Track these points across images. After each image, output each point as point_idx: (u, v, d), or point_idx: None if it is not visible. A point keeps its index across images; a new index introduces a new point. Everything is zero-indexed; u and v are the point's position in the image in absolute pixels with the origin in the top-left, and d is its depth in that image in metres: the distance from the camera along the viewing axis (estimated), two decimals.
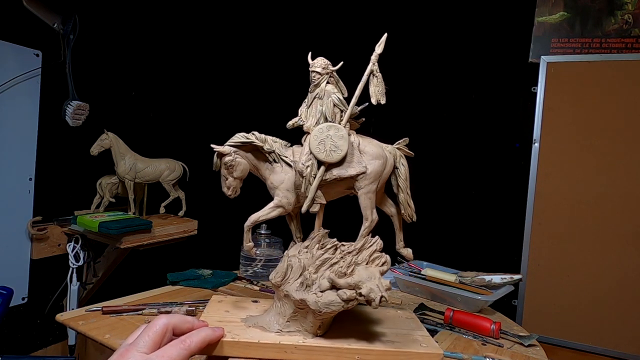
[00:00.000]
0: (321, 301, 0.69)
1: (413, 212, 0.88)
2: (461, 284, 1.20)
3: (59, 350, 1.62)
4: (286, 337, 0.72)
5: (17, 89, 1.42)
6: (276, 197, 0.81)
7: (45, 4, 1.42)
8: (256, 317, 0.77)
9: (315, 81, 0.82)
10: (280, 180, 0.81)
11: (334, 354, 0.71)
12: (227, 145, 0.79)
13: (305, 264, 0.73)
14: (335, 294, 0.69)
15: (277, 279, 0.75)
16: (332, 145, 0.78)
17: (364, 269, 0.72)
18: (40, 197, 1.52)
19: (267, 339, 0.71)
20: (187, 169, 1.70)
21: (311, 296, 0.70)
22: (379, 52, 0.81)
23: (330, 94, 0.81)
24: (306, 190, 0.79)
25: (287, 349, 0.70)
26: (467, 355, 0.88)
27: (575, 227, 1.68)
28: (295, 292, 0.72)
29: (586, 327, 1.65)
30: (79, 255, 1.56)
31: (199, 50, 2.06)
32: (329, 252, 0.74)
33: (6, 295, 1.14)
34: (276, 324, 0.74)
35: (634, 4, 1.64)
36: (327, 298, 0.69)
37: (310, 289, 0.71)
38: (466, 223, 1.90)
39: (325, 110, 0.81)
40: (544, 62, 1.73)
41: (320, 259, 0.73)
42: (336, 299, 0.69)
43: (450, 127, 1.94)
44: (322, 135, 0.79)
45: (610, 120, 1.64)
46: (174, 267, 1.30)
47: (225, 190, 0.80)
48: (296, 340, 0.71)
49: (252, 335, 0.71)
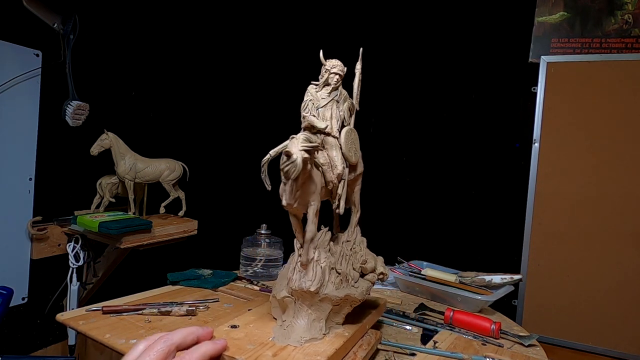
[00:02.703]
0: (360, 290, 0.77)
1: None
2: (461, 284, 1.20)
3: (59, 350, 1.62)
4: (338, 336, 0.74)
5: (17, 89, 1.42)
6: (314, 202, 0.73)
7: (45, 4, 1.42)
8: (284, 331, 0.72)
9: (335, 84, 0.81)
10: (316, 183, 0.74)
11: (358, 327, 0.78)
12: (303, 149, 0.65)
13: (329, 263, 0.76)
14: (365, 280, 0.81)
15: (316, 286, 0.71)
16: (355, 148, 0.83)
17: (368, 253, 0.85)
18: (40, 197, 1.52)
19: (333, 345, 0.70)
20: (187, 169, 1.70)
21: (352, 289, 0.77)
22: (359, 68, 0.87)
23: (347, 98, 0.84)
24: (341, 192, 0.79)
25: (347, 345, 0.74)
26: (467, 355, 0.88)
27: (575, 227, 1.68)
28: (337, 291, 0.74)
29: (586, 327, 1.65)
30: (79, 255, 1.56)
31: (199, 50, 2.06)
32: (344, 246, 0.82)
33: (6, 295, 1.14)
34: (319, 330, 0.72)
35: (634, 4, 1.64)
36: (363, 286, 0.79)
37: (348, 283, 0.77)
38: (466, 223, 1.90)
39: (345, 114, 0.83)
40: (544, 62, 1.73)
41: (340, 254, 0.79)
42: (368, 284, 0.80)
43: (450, 127, 1.94)
44: (350, 138, 0.82)
45: (610, 120, 1.64)
46: (174, 267, 1.30)
47: (292, 202, 0.69)
48: (342, 333, 0.75)
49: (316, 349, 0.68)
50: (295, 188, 0.67)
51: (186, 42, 1.99)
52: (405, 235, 1.91)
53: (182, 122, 2.02)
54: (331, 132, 0.79)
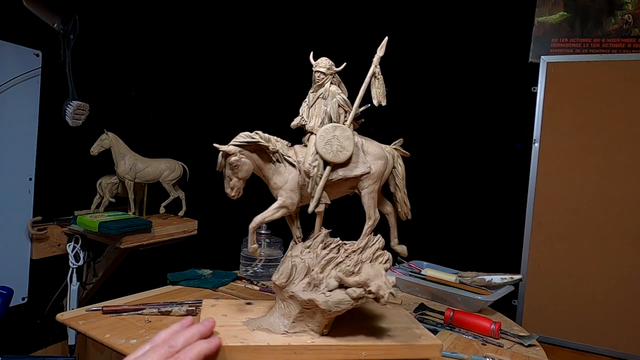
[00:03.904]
0: (331, 300, 0.70)
1: (409, 210, 0.90)
2: (461, 284, 1.20)
3: (59, 350, 1.62)
4: (294, 338, 0.72)
5: (17, 89, 1.42)
6: (280, 197, 0.80)
7: (45, 4, 1.42)
8: (258, 320, 0.77)
9: (319, 81, 0.82)
10: (284, 180, 0.80)
11: (342, 351, 0.71)
12: (232, 145, 0.76)
13: (310, 264, 0.73)
14: (344, 292, 0.70)
15: (282, 280, 0.74)
16: (338, 146, 0.79)
17: (370, 266, 0.73)
18: (40, 197, 1.52)
19: (276, 341, 0.71)
20: (187, 169, 1.70)
21: (320, 296, 0.70)
22: (381, 54, 0.82)
23: (335, 95, 0.82)
24: (312, 191, 0.79)
25: (297, 349, 0.70)
26: (467, 355, 0.88)
27: (575, 227, 1.68)
28: (302, 292, 0.72)
29: (586, 327, 1.64)
30: (79, 255, 1.56)
31: (199, 50, 2.06)
32: (334, 252, 0.75)
33: (6, 295, 1.14)
34: (282, 326, 0.74)
35: (634, 4, 1.64)
36: (336, 297, 0.70)
37: (318, 288, 0.71)
38: (466, 223, 1.90)
39: (330, 111, 0.81)
40: (544, 62, 1.73)
41: (326, 259, 0.73)
42: (345, 297, 0.70)
43: (450, 127, 1.94)
44: (329, 135, 0.79)
45: (610, 120, 1.64)
46: (174, 267, 1.30)
47: (229, 192, 0.77)
48: (305, 340, 0.72)
49: (260, 338, 0.71)
50: (228, 178, 0.77)
51: (186, 42, 1.99)
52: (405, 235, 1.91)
53: (182, 122, 2.02)
54: (312, 130, 0.81)
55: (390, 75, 0.84)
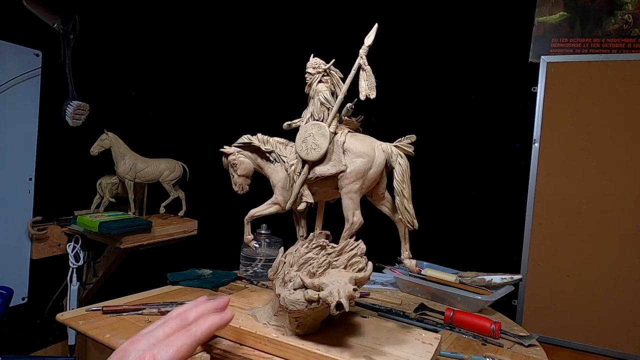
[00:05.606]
0: (288, 298, 0.69)
1: (413, 219, 0.78)
2: (461, 284, 1.20)
3: (59, 350, 1.62)
4: (265, 330, 0.74)
5: (17, 89, 1.42)
6: (274, 194, 0.84)
7: (45, 4, 1.42)
8: (257, 308, 0.80)
9: (308, 81, 0.83)
10: (279, 178, 0.83)
11: (301, 355, 0.70)
12: (233, 146, 0.86)
13: (292, 262, 0.74)
14: (301, 292, 0.68)
15: (271, 274, 0.77)
16: (312, 144, 0.78)
17: (337, 272, 0.69)
18: (40, 197, 1.52)
19: (248, 327, 0.74)
20: (187, 169, 1.70)
21: (285, 292, 0.70)
22: (369, 44, 0.79)
23: (317, 93, 0.81)
24: (291, 188, 0.80)
25: (261, 339, 0.73)
26: (467, 355, 0.88)
27: (575, 227, 1.68)
28: (278, 287, 0.73)
29: (586, 327, 1.64)
30: (79, 255, 1.56)
31: (199, 50, 2.06)
32: (314, 252, 0.73)
33: (6, 295, 1.14)
34: (266, 316, 0.77)
35: (634, 4, 1.64)
36: (294, 296, 0.69)
37: (287, 285, 0.71)
38: (466, 223, 1.90)
39: (313, 110, 0.81)
40: (544, 62, 1.73)
41: (304, 258, 0.72)
42: (301, 298, 0.67)
43: (450, 127, 1.94)
44: (305, 133, 0.79)
45: (610, 120, 1.64)
46: (174, 267, 1.30)
47: (234, 187, 0.88)
48: (271, 333, 0.73)
49: (241, 322, 0.76)
50: (231, 175, 0.88)
51: (186, 42, 1.99)
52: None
53: (182, 122, 2.02)
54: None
55: (390, 75, 0.84)
